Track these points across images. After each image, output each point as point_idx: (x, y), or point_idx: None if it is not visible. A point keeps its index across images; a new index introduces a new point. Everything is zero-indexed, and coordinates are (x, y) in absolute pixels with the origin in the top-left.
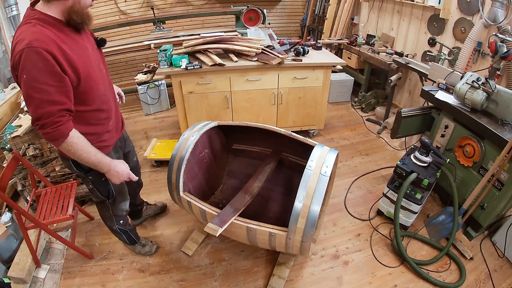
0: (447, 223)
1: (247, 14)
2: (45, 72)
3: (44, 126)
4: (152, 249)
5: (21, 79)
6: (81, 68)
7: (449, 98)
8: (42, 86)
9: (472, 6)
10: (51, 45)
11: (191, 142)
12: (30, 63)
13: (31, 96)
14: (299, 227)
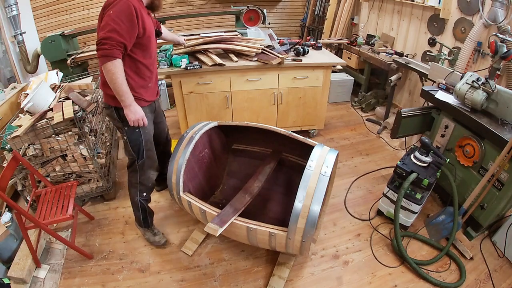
0: (447, 223)
1: (247, 14)
2: (126, 16)
3: (104, 44)
4: (162, 241)
5: (107, 13)
6: (147, 29)
7: (449, 98)
8: (119, 22)
9: (472, 6)
10: (137, 5)
11: (191, 142)
12: (120, 7)
13: (109, 23)
14: (299, 227)
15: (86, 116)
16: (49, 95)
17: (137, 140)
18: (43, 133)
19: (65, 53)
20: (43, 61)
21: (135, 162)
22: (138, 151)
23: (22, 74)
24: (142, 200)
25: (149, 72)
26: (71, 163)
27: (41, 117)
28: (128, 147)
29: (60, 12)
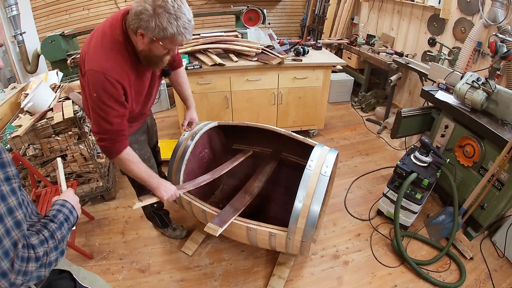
0: (447, 223)
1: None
2: (113, 98)
3: (102, 140)
4: (183, 233)
5: (89, 95)
6: (135, 95)
7: (449, 98)
8: (107, 109)
9: (472, 6)
10: (123, 78)
11: (191, 142)
12: (101, 87)
13: (96, 112)
14: (299, 227)
15: (86, 116)
16: (49, 95)
17: None
18: (43, 133)
19: (65, 53)
20: (43, 61)
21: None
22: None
23: (22, 74)
24: (155, 210)
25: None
26: (71, 163)
27: (41, 117)
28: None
29: (60, 12)
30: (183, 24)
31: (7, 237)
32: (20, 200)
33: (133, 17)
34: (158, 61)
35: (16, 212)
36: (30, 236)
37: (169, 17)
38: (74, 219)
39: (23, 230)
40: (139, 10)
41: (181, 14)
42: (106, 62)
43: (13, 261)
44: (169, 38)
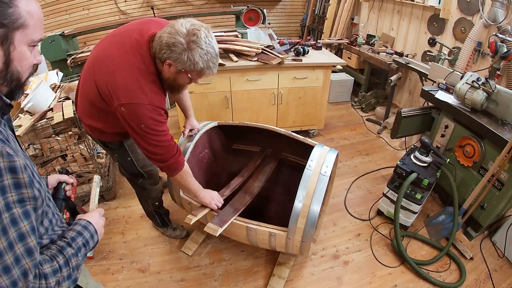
0: (447, 223)
1: (247, 14)
2: (160, 123)
3: (165, 160)
4: (183, 233)
5: (135, 127)
6: None
7: (449, 98)
8: (159, 134)
9: (472, 6)
10: (163, 104)
11: (191, 142)
12: (149, 118)
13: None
14: (299, 227)
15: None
16: (49, 95)
17: (131, 167)
18: (43, 133)
19: (65, 53)
20: (43, 61)
21: (135, 180)
22: (136, 174)
23: None
24: (156, 209)
25: None
26: (71, 163)
27: (41, 117)
28: (122, 170)
29: (60, 12)
30: (211, 59)
31: (16, 266)
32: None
33: (164, 48)
34: (180, 89)
35: (28, 238)
36: (43, 263)
37: (201, 52)
38: (93, 243)
39: (35, 259)
40: (172, 43)
41: (211, 50)
42: (149, 94)
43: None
44: (198, 71)
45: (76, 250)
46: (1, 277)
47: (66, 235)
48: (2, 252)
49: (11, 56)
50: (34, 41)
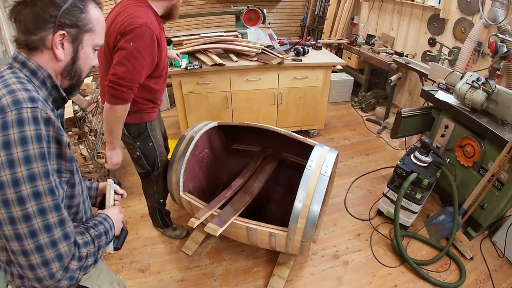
0: (447, 223)
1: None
2: (148, 50)
3: (122, 86)
4: (183, 233)
5: (126, 44)
6: (165, 52)
7: (449, 98)
8: (140, 59)
9: (472, 6)
10: (157, 32)
11: (191, 142)
12: (141, 39)
13: (129, 60)
14: (299, 227)
15: (86, 116)
16: None
17: (152, 155)
18: None
19: None
20: None
21: (151, 174)
22: (153, 164)
23: None
24: (159, 207)
25: (161, 95)
26: None
27: None
28: (142, 162)
29: None
30: None
31: (60, 227)
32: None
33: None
34: (176, 11)
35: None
36: (77, 234)
37: None
38: (111, 237)
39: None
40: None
41: None
42: (142, 17)
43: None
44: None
45: (99, 234)
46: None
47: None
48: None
49: (79, 54)
50: (97, 45)
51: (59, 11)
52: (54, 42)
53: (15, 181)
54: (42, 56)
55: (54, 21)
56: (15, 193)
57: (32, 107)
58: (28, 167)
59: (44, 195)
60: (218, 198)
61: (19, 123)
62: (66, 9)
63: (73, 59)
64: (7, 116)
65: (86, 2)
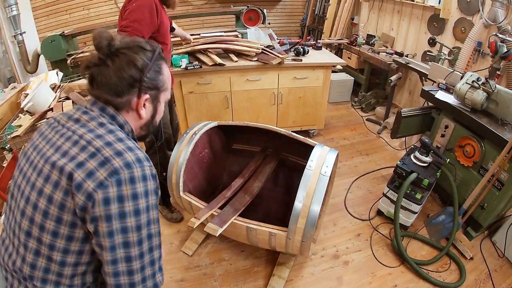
0: (447, 223)
1: (247, 14)
2: (148, 9)
3: (125, 31)
4: (178, 217)
5: (130, 6)
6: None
7: (449, 98)
8: (140, 14)
9: (472, 6)
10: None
11: (191, 142)
12: (142, 2)
13: (131, 14)
14: (299, 227)
15: None
16: (49, 95)
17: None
18: None
19: (65, 53)
20: (43, 61)
21: (154, 144)
22: (157, 134)
23: (22, 74)
24: (162, 180)
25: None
26: None
27: (41, 117)
28: None
29: (60, 12)
30: None
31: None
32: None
33: None
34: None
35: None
36: None
37: None
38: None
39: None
40: None
41: None
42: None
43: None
44: None
45: None
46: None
47: None
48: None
49: (157, 111)
50: (168, 99)
51: (142, 75)
52: (139, 105)
53: (138, 226)
54: (127, 114)
55: (139, 85)
56: (137, 236)
57: (150, 165)
58: (147, 215)
59: (154, 236)
60: (218, 198)
61: (143, 178)
62: (148, 72)
63: (152, 116)
64: (134, 172)
65: (161, 63)
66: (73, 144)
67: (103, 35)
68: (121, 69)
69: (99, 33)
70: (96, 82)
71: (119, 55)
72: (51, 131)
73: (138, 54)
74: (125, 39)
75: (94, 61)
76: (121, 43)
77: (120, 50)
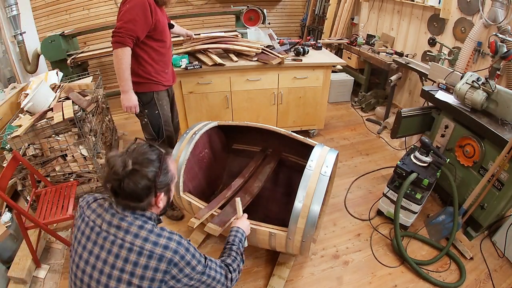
0: (447, 223)
1: (247, 14)
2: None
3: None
4: (179, 214)
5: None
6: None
7: (449, 98)
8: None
9: (472, 6)
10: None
11: (191, 142)
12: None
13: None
14: (299, 227)
15: (86, 116)
16: (49, 95)
17: (157, 121)
18: (43, 133)
19: (65, 53)
20: (43, 61)
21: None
22: (158, 132)
23: (22, 74)
24: None
25: (165, 60)
26: (71, 163)
27: (41, 117)
28: (149, 128)
29: (60, 12)
30: None
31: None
32: None
33: None
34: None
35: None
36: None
37: None
38: (244, 238)
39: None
40: None
41: None
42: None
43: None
44: None
45: (237, 245)
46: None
47: (228, 240)
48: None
49: (170, 197)
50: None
51: (155, 183)
52: (157, 202)
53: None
54: (150, 209)
55: (154, 190)
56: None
57: (184, 240)
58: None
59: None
60: (218, 198)
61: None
62: (158, 179)
63: (167, 203)
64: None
65: (167, 164)
66: (129, 251)
67: (117, 162)
68: (137, 183)
69: (113, 159)
70: (119, 195)
71: (133, 173)
72: (96, 236)
73: (148, 167)
74: (134, 155)
75: (114, 181)
76: (133, 162)
77: (133, 169)
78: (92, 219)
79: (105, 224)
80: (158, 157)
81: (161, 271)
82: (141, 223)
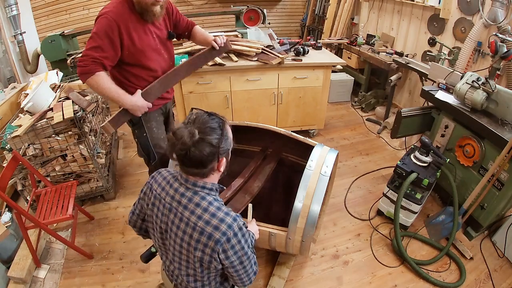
0: (447, 223)
1: (247, 14)
2: (104, 32)
3: (80, 62)
4: None
5: (93, 28)
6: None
7: (449, 98)
8: (96, 39)
9: (472, 6)
10: (119, 19)
11: None
12: (99, 25)
13: (88, 42)
14: (299, 227)
15: (86, 116)
16: (49, 95)
17: (145, 144)
18: (43, 133)
19: (65, 53)
20: (43, 61)
21: (150, 162)
22: (148, 154)
23: (22, 74)
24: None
25: (148, 82)
26: (71, 163)
27: (41, 117)
28: (139, 148)
29: (60, 12)
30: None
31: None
32: None
33: None
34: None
35: None
36: None
37: None
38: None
39: None
40: None
41: None
42: (111, 9)
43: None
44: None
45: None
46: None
47: None
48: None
49: (227, 163)
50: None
51: (218, 149)
52: (219, 166)
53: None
54: (212, 176)
55: (217, 155)
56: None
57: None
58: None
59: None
60: None
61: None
62: (220, 145)
63: (226, 167)
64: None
65: (227, 131)
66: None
67: (184, 133)
68: (203, 150)
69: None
70: (186, 162)
71: (199, 141)
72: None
73: (212, 135)
74: (198, 124)
75: (181, 151)
76: (198, 131)
77: (199, 138)
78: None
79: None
80: (219, 125)
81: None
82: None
